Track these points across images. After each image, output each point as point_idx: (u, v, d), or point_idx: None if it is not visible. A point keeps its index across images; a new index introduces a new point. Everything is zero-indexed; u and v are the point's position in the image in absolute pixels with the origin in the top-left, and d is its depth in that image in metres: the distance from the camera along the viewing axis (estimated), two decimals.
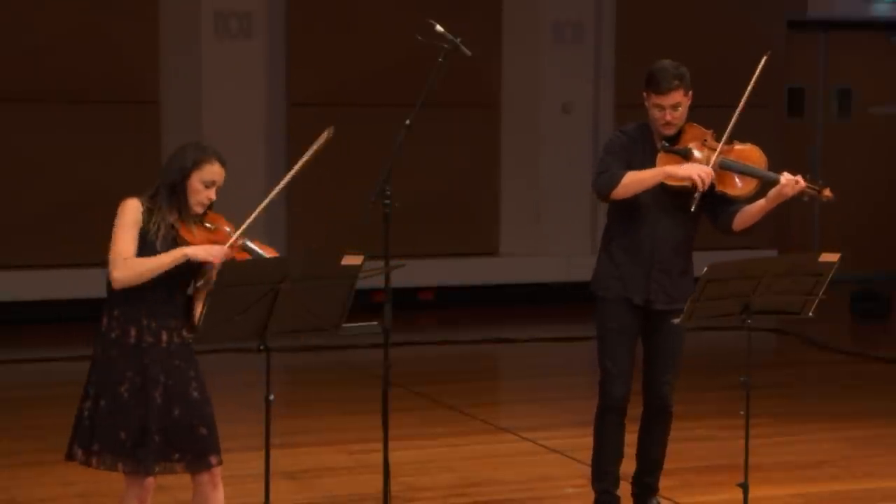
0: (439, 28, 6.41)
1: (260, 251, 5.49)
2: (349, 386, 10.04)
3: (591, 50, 13.84)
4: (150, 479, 5.49)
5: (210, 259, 5.34)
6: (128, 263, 5.38)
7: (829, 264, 5.94)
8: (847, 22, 15.24)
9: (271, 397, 5.29)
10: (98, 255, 6.08)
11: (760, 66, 6.25)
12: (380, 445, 6.28)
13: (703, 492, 7.41)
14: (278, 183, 5.63)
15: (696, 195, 6.22)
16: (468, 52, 6.37)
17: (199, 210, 5.50)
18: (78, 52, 12.40)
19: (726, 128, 6.31)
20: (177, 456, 5.44)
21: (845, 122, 15.51)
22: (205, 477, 5.56)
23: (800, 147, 15.00)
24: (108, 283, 5.46)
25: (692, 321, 5.87)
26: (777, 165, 6.38)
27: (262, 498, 5.29)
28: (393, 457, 6.31)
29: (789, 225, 14.74)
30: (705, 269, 5.73)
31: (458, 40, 6.35)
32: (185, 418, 5.45)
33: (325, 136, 5.58)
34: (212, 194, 5.49)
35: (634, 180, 6.32)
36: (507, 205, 13.86)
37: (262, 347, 5.20)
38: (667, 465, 6.86)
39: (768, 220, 6.73)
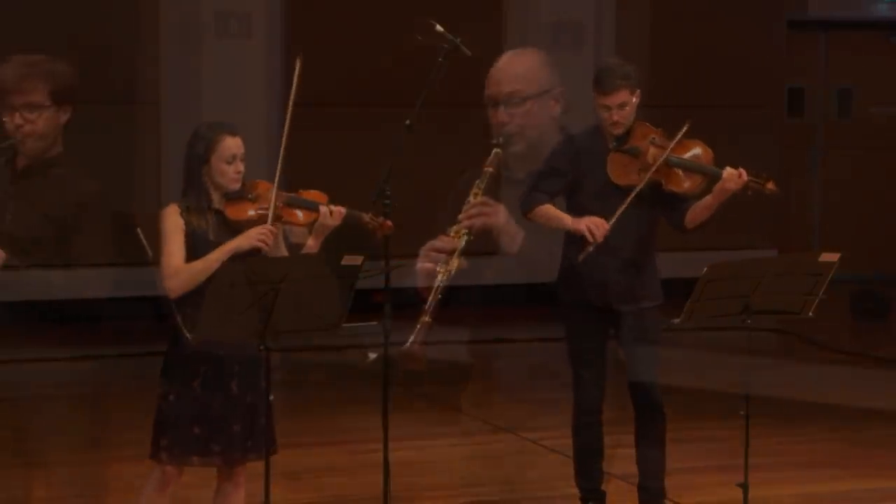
0: (439, 28, 6.42)
1: (307, 199, 5.61)
2: (349, 386, 10.03)
3: (592, 51, 13.82)
4: (177, 469, 5.50)
5: (257, 244, 5.35)
6: (179, 272, 5.40)
7: (829, 264, 5.94)
8: (847, 22, 15.23)
9: (271, 397, 5.29)
10: (98, 255, 6.06)
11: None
12: (380, 445, 6.27)
13: (703, 492, 7.40)
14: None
15: (590, 247, 6.29)
16: (468, 52, 6.38)
17: (236, 186, 5.55)
18: (78, 53, 12.37)
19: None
20: (219, 448, 5.45)
21: (845, 122, 15.49)
22: (228, 474, 5.58)
23: (800, 147, 14.99)
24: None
25: (692, 321, 5.86)
26: (777, 165, 6.38)
27: (262, 498, 5.28)
28: (393, 457, 6.30)
29: (789, 225, 14.70)
30: (705, 269, 5.73)
31: (458, 40, 6.36)
32: (252, 408, 5.48)
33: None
34: (239, 167, 5.55)
35: (541, 216, 6.86)
36: (506, 205, 13.83)
37: (262, 347, 5.19)
38: (667, 466, 6.85)
39: (767, 220, 6.72)
